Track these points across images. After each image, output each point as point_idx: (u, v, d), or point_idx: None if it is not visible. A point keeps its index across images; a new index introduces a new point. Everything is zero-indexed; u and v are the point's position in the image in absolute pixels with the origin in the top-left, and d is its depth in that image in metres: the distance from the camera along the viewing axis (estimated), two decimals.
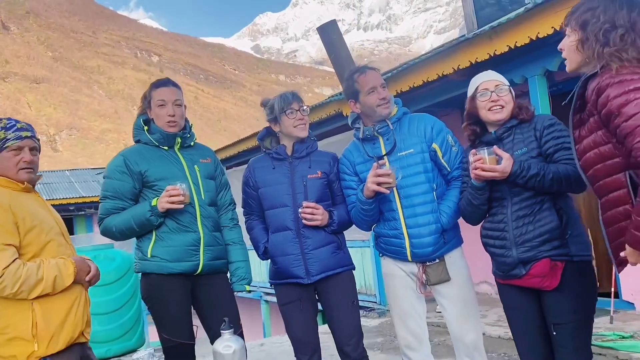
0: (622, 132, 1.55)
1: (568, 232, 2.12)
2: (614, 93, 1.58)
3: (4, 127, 2.14)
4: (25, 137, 2.15)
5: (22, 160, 2.13)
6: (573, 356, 2.13)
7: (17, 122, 2.18)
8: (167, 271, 2.49)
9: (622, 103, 1.55)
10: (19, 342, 2.03)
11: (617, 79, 1.60)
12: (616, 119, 1.56)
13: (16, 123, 2.17)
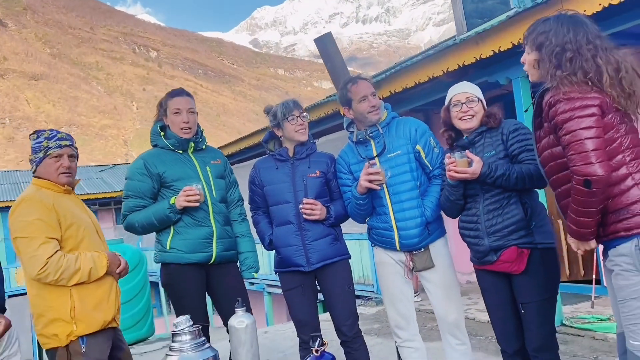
0: (563, 143, 1.87)
1: (532, 223, 2.44)
2: (562, 108, 1.88)
3: (47, 137, 2.47)
4: (65, 146, 2.48)
5: (61, 165, 2.46)
6: (539, 330, 2.44)
7: (58, 133, 2.51)
8: (184, 261, 2.79)
9: (567, 118, 1.85)
10: (59, 323, 2.35)
11: (567, 95, 1.90)
12: (560, 130, 1.87)
13: (57, 133, 2.50)
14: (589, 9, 3.75)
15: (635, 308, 1.85)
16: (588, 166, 1.79)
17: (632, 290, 1.85)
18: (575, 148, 1.82)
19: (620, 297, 1.91)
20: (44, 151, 2.46)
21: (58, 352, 2.36)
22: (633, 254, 1.82)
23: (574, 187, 1.85)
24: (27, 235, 2.31)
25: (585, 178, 1.79)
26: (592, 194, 1.80)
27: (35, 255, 2.28)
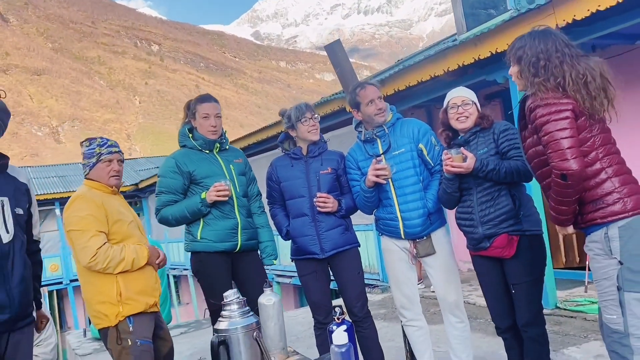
0: (543, 143, 2.18)
1: (521, 212, 2.75)
2: (540, 113, 2.18)
3: (99, 145, 2.81)
4: (114, 152, 2.82)
5: (112, 169, 2.81)
6: (527, 307, 2.76)
7: (108, 140, 2.85)
8: (213, 249, 3.11)
9: (545, 121, 2.16)
10: (108, 305, 2.69)
11: (544, 101, 2.21)
12: (540, 132, 2.19)
13: (107, 141, 2.85)
14: (578, 14, 4.03)
15: (606, 287, 2.16)
16: (564, 162, 2.09)
17: (603, 272, 2.16)
18: (553, 147, 2.12)
19: (594, 278, 2.23)
20: (96, 157, 2.80)
21: (109, 331, 2.70)
22: (603, 241, 2.13)
23: (553, 180, 2.16)
24: (79, 228, 2.64)
25: (562, 172, 2.10)
26: (568, 186, 2.11)
27: (86, 246, 2.62)
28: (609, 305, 2.15)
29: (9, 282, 2.34)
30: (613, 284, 2.13)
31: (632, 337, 2.09)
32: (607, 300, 2.16)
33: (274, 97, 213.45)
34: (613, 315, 2.14)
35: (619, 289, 2.11)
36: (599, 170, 2.16)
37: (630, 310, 2.09)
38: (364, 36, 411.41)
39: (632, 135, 5.41)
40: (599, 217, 2.15)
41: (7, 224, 2.39)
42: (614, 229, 2.11)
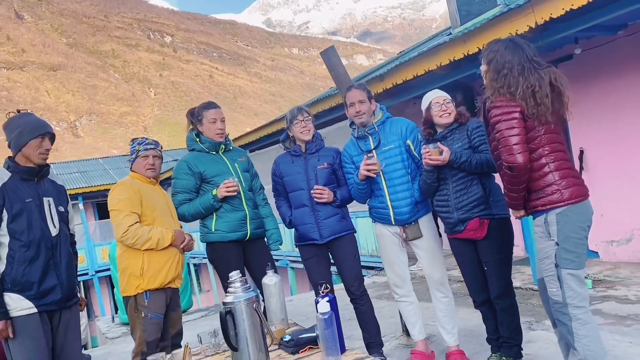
0: (496, 138, 2.56)
1: (490, 199, 3.13)
2: (494, 113, 2.57)
3: (139, 143, 3.38)
4: (150, 149, 3.35)
5: (147, 163, 3.35)
6: (498, 282, 3.15)
7: (146, 139, 3.40)
8: (226, 239, 3.54)
9: (497, 121, 2.54)
10: (133, 278, 3.21)
11: (497, 103, 2.58)
12: (493, 129, 2.57)
13: (145, 140, 3.40)
14: (554, 12, 4.34)
15: (547, 265, 2.55)
16: (511, 156, 2.48)
17: (544, 252, 2.55)
18: (503, 143, 2.51)
19: (538, 257, 2.62)
20: (136, 153, 3.36)
21: (130, 299, 3.22)
22: (543, 225, 2.53)
23: (503, 171, 2.55)
24: (117, 208, 3.18)
25: (510, 165, 2.49)
26: (515, 177, 2.50)
27: (121, 223, 3.14)
28: (550, 280, 2.55)
29: (58, 268, 2.86)
30: (552, 262, 2.52)
31: (570, 306, 2.48)
32: (548, 276, 2.55)
33: (287, 84, 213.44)
34: (553, 289, 2.53)
35: (556, 265, 2.50)
36: (543, 164, 2.54)
37: (566, 284, 2.48)
38: (376, 19, 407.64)
39: (620, 119, 5.74)
40: (540, 205, 2.54)
41: (53, 219, 2.89)
42: (552, 216, 2.50)
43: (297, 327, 2.70)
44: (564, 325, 2.50)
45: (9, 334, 2.69)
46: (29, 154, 2.87)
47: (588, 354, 2.43)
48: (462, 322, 4.15)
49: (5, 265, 2.75)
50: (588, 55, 5.72)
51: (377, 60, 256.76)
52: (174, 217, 3.44)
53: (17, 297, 2.73)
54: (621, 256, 5.81)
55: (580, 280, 2.52)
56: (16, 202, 2.78)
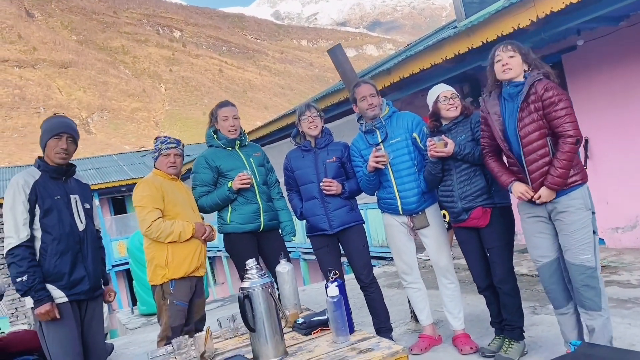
0: (559, 115, 2.67)
1: (492, 189, 3.28)
2: (558, 91, 2.71)
3: (161, 142, 3.58)
4: (172, 147, 3.55)
5: (169, 161, 3.55)
6: (500, 267, 3.29)
7: (168, 138, 3.61)
8: (241, 230, 3.73)
9: (561, 98, 2.69)
10: (159, 268, 3.43)
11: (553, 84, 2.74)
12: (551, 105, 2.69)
13: (167, 139, 3.60)
14: (555, 6, 4.46)
15: (586, 233, 2.71)
16: (577, 130, 2.67)
17: (582, 222, 2.71)
18: (570, 118, 2.67)
19: (569, 230, 2.73)
20: (158, 151, 3.57)
21: (157, 288, 3.45)
22: (582, 197, 2.73)
23: (568, 146, 2.66)
24: (141, 204, 3.39)
25: (577, 137, 2.66)
26: (576, 150, 2.68)
27: (145, 218, 3.36)
28: (585, 248, 2.72)
29: (86, 260, 3.07)
30: (590, 230, 2.73)
31: (598, 270, 2.72)
32: (584, 244, 2.71)
33: (296, 77, 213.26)
34: (588, 255, 2.71)
35: (594, 232, 2.73)
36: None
37: (597, 249, 2.73)
38: (385, 9, 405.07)
39: (623, 109, 5.84)
40: (580, 179, 2.73)
41: (80, 216, 3.10)
42: (585, 189, 2.73)
43: (309, 312, 2.89)
44: (593, 289, 2.70)
45: (55, 315, 2.91)
46: (49, 154, 3.07)
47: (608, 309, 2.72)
48: (468, 308, 4.31)
49: (39, 257, 2.96)
50: (591, 46, 5.82)
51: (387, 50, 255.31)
52: (194, 210, 3.64)
53: (50, 286, 2.95)
54: (626, 242, 5.92)
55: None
56: (47, 199, 2.99)
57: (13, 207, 2.93)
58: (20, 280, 2.87)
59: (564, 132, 2.67)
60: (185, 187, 3.72)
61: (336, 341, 2.29)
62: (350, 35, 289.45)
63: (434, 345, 3.81)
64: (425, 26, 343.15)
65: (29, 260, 2.89)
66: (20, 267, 2.87)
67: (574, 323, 2.91)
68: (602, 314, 2.71)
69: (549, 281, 2.93)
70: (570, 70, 6.17)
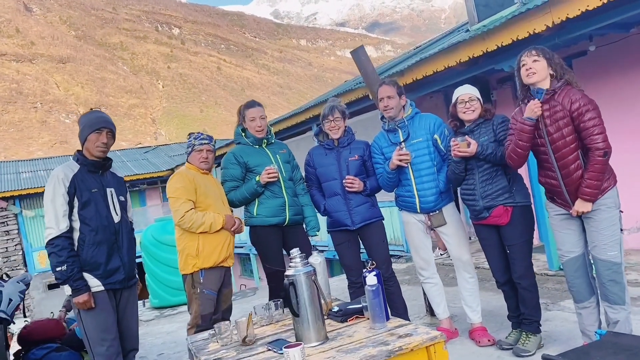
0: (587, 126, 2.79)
1: (513, 188, 3.42)
2: (586, 101, 2.82)
3: (195, 137, 3.71)
4: (204, 144, 3.68)
5: (201, 157, 3.69)
6: (520, 263, 3.44)
7: (201, 134, 3.74)
8: (267, 223, 3.86)
9: (589, 108, 2.80)
10: (190, 258, 3.55)
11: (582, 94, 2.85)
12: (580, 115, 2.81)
13: (200, 135, 3.74)
14: (571, 12, 4.58)
15: (614, 230, 2.86)
16: (606, 142, 2.80)
17: (611, 220, 2.86)
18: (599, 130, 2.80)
19: (601, 227, 2.86)
20: (191, 147, 3.70)
21: (187, 277, 3.58)
22: (613, 197, 2.88)
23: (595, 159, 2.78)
24: (175, 196, 3.53)
25: (606, 150, 2.78)
26: (607, 162, 2.82)
27: (178, 209, 3.49)
28: (613, 244, 2.86)
29: (121, 251, 3.19)
30: (618, 227, 2.88)
31: (622, 265, 2.87)
32: (611, 241, 2.85)
33: (295, 76, 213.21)
34: (615, 252, 2.86)
35: (621, 230, 2.87)
36: None
37: (622, 246, 2.87)
38: (384, 10, 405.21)
39: (632, 113, 5.98)
40: (611, 184, 2.87)
41: (116, 208, 3.22)
42: (614, 190, 2.88)
43: (341, 302, 3.01)
44: (618, 284, 2.85)
45: (92, 304, 3.03)
46: (89, 147, 3.19)
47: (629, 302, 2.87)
48: (482, 303, 4.44)
49: (77, 247, 3.07)
50: (602, 52, 5.96)
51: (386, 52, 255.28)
52: (225, 203, 3.77)
53: (88, 275, 3.07)
54: (632, 244, 6.07)
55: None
56: (85, 192, 3.11)
57: (53, 200, 3.04)
58: (59, 270, 2.99)
59: (592, 144, 2.79)
60: (216, 181, 3.84)
61: (374, 327, 2.42)
62: (349, 36, 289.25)
63: (451, 338, 3.94)
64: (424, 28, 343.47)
65: (68, 251, 3.02)
66: (60, 257, 2.99)
67: (596, 317, 3.05)
68: (625, 308, 2.86)
69: (574, 275, 3.07)
70: (581, 74, 6.28)
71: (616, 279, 2.85)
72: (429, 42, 9.92)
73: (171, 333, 6.23)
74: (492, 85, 7.32)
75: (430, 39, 10.57)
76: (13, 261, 17.43)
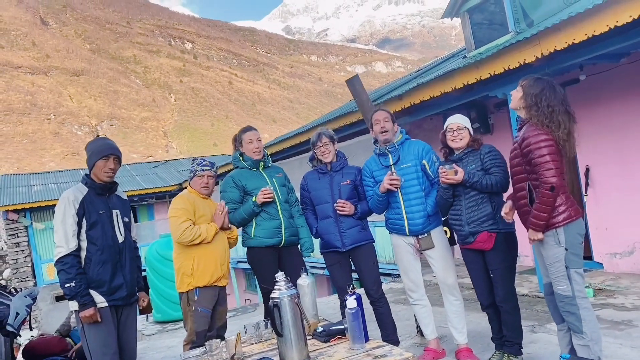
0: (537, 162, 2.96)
1: (498, 215, 3.57)
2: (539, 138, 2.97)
3: (197, 164, 3.92)
4: (206, 170, 3.89)
5: (202, 182, 3.90)
6: (503, 287, 3.58)
7: (204, 161, 3.95)
8: (264, 244, 4.04)
9: (540, 146, 2.95)
10: (185, 276, 3.75)
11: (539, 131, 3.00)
12: (531, 152, 2.99)
13: (203, 161, 3.95)
14: (558, 45, 4.77)
15: (559, 267, 3.01)
16: (553, 177, 2.93)
17: (555, 257, 3.02)
18: (546, 165, 2.95)
19: (548, 262, 3.07)
20: (194, 172, 3.92)
21: (183, 295, 3.77)
22: (553, 235, 3.02)
23: (542, 192, 2.96)
24: (176, 215, 3.74)
25: (552, 185, 2.94)
26: (553, 196, 2.96)
27: (178, 226, 3.70)
28: (560, 279, 3.03)
29: (124, 270, 3.40)
30: (562, 264, 3.02)
31: (577, 298, 3.00)
32: (559, 276, 3.04)
33: (305, 91, 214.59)
34: (563, 286, 3.02)
35: (566, 267, 3.01)
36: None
37: (574, 280, 3.01)
38: (395, 27, 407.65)
39: (623, 139, 6.13)
40: (557, 222, 3.01)
41: (120, 229, 3.43)
42: (561, 228, 3.01)
43: (326, 322, 3.18)
44: (573, 314, 3.00)
45: (97, 318, 3.22)
46: (97, 173, 3.42)
47: (593, 333, 2.97)
48: (470, 324, 4.58)
49: (84, 265, 3.28)
50: (593, 80, 6.14)
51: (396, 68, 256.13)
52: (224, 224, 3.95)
53: (93, 292, 3.27)
54: (624, 267, 6.18)
55: (582, 277, 3.08)
56: (93, 213, 3.33)
57: (64, 220, 3.26)
58: (68, 286, 3.20)
59: (540, 179, 2.99)
60: (214, 204, 4.04)
61: (353, 348, 2.59)
62: (359, 52, 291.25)
63: (439, 358, 4.08)
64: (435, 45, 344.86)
65: (76, 268, 3.23)
66: (69, 274, 3.20)
67: (568, 340, 3.19)
68: (584, 337, 2.98)
69: (548, 299, 3.25)
70: (574, 102, 6.37)
71: (570, 310, 3.01)
72: (430, 65, 10.15)
73: (172, 348, 6.40)
74: (490, 110, 7.51)
75: (431, 62, 10.80)
76: (22, 272, 17.72)
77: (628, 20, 4.13)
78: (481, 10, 7.33)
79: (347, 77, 4.83)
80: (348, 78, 4.63)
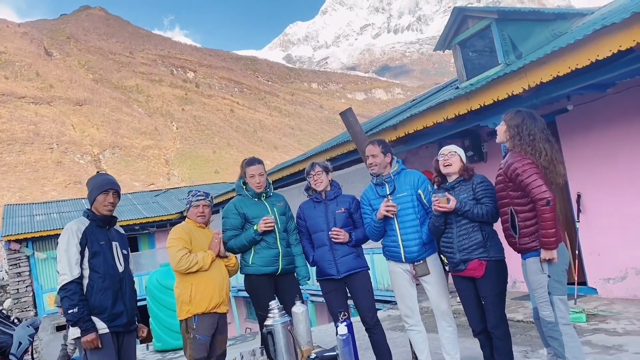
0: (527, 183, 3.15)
1: (488, 243, 3.68)
2: (523, 163, 3.20)
3: (192, 195, 4.08)
4: (200, 199, 4.05)
5: (198, 212, 4.05)
6: (494, 313, 3.66)
7: (199, 192, 4.11)
8: (261, 272, 4.15)
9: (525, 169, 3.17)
10: (184, 304, 3.85)
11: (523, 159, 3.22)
12: (519, 176, 3.18)
13: (198, 192, 4.11)
14: (544, 77, 4.97)
15: (542, 293, 3.16)
16: (546, 192, 3.12)
17: (539, 283, 3.17)
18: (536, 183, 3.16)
19: (532, 287, 3.21)
20: (189, 203, 4.08)
21: (182, 323, 3.87)
22: (538, 262, 3.18)
23: (541, 210, 3.13)
24: (173, 245, 3.88)
25: (547, 199, 3.10)
26: (552, 209, 3.11)
27: (175, 255, 3.83)
28: (544, 305, 3.16)
29: (124, 298, 3.53)
30: (545, 291, 3.16)
31: (560, 324, 3.13)
32: (542, 302, 3.18)
33: (306, 118, 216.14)
34: (547, 312, 3.15)
35: (549, 293, 3.13)
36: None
37: (557, 307, 3.14)
38: (394, 54, 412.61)
39: (613, 167, 6.27)
40: (537, 246, 3.16)
41: (120, 260, 3.58)
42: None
43: (320, 349, 3.28)
44: (556, 340, 3.10)
45: (98, 344, 3.33)
46: (97, 207, 3.62)
47: (575, 358, 3.07)
48: (465, 350, 4.65)
49: (86, 292, 3.42)
50: (582, 109, 6.32)
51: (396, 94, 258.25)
52: (220, 252, 4.08)
53: (95, 319, 3.39)
54: (617, 293, 6.25)
55: (566, 303, 3.19)
56: (95, 243, 3.48)
57: (67, 249, 3.41)
58: (71, 312, 3.33)
59: (533, 197, 3.15)
60: (210, 232, 4.17)
61: None
62: (359, 79, 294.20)
63: None
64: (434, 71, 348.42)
65: (79, 295, 3.37)
66: (72, 300, 3.34)
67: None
68: None
69: (537, 323, 3.35)
70: (564, 130, 6.65)
71: (553, 335, 3.13)
72: (424, 95, 10.40)
73: None
74: (483, 138, 7.67)
75: (425, 92, 11.05)
76: (23, 302, 17.71)
77: (608, 55, 4.32)
78: (472, 43, 7.58)
79: (347, 104, 5.02)
80: (342, 111, 4.80)
